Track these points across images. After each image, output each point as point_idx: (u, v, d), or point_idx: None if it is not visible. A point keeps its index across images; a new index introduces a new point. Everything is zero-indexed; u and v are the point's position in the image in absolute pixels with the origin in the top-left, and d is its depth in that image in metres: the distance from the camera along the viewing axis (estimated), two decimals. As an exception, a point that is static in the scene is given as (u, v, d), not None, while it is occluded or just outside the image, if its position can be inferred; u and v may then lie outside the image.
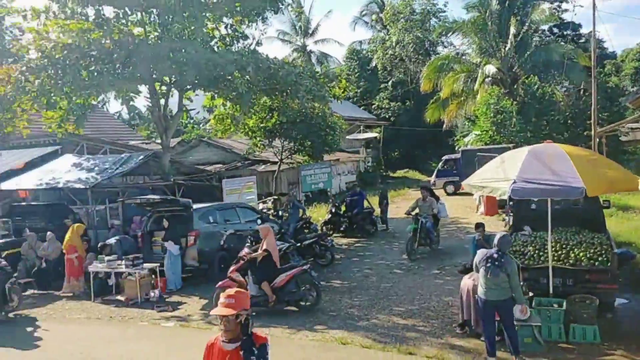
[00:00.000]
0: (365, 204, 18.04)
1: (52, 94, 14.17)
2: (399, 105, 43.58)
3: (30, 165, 18.16)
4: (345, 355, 7.76)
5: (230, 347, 3.53)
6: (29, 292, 12.54)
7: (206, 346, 3.70)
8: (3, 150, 19.01)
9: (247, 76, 15.38)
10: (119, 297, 11.68)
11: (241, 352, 3.50)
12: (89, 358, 8.15)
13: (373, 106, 45.18)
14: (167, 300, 11.42)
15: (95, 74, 14.23)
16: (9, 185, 16.30)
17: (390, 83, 45.48)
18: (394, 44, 44.53)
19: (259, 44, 16.93)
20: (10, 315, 10.74)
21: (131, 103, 19.46)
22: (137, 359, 7.96)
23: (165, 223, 12.86)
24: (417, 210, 14.37)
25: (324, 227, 17.49)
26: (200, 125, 40.00)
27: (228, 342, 3.53)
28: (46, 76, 13.58)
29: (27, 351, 8.70)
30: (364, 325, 8.99)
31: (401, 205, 21.41)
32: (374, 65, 47.01)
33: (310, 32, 49.96)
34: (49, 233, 13.49)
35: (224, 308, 3.48)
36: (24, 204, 16.98)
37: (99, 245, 13.17)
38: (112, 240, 13.32)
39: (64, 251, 12.60)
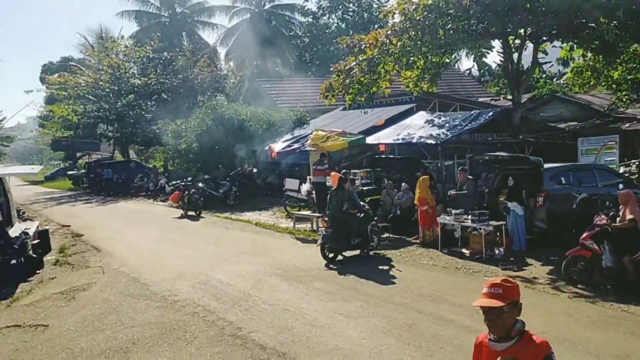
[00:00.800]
0: None
1: (411, 55, 15.13)
2: None
3: (389, 122, 20.08)
4: None
5: (500, 347, 2.97)
6: (385, 235, 14.01)
7: (475, 343, 3.21)
8: (368, 109, 21.40)
9: (615, 22, 13.52)
10: (463, 250, 12.06)
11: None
12: (439, 301, 8.68)
13: None
14: (511, 259, 11.27)
15: (451, 32, 14.57)
16: (371, 139, 18.36)
17: None
18: None
19: (633, -18, 14.60)
20: (371, 253, 12.26)
21: (482, 59, 19.42)
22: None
23: (510, 182, 12.56)
24: None
25: None
26: (554, 80, 37.38)
27: (497, 341, 2.98)
28: (407, 38, 14.53)
29: (386, 286, 9.79)
30: None
31: None
32: None
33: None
34: (403, 184, 14.79)
35: (488, 299, 2.93)
36: (383, 156, 18.92)
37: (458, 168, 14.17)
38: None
39: (416, 203, 13.59)
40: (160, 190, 26.68)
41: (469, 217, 12.08)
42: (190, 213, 20.14)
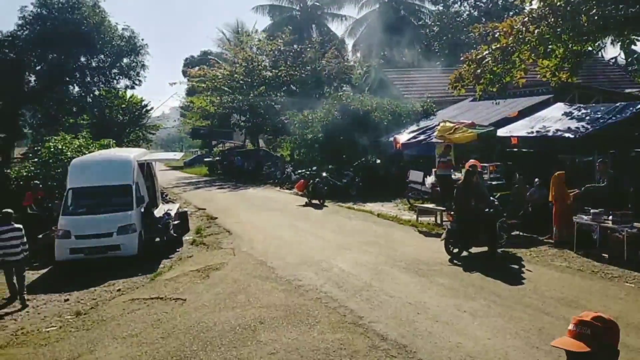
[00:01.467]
0: None
1: (549, 43, 14.23)
2: None
3: (523, 114, 19.05)
4: None
5: None
6: (515, 232, 13.34)
7: None
8: (500, 100, 20.45)
9: None
10: (603, 253, 11.16)
11: None
12: (572, 306, 8.14)
13: None
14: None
15: (596, 17, 13.45)
16: (503, 132, 17.54)
17: None
18: None
19: None
20: (499, 250, 11.76)
21: (631, 47, 17.64)
22: (624, 318, 7.47)
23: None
24: None
25: None
26: None
27: None
28: (545, 25, 13.67)
29: (513, 285, 9.35)
30: None
31: None
32: None
33: None
34: (536, 179, 13.98)
35: (572, 340, 2.31)
36: (515, 150, 18.00)
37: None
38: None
39: (550, 200, 12.78)
40: (287, 178, 27.68)
41: (610, 217, 11.14)
42: (314, 201, 20.66)
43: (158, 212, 14.95)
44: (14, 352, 8.01)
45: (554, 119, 16.82)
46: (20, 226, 10.80)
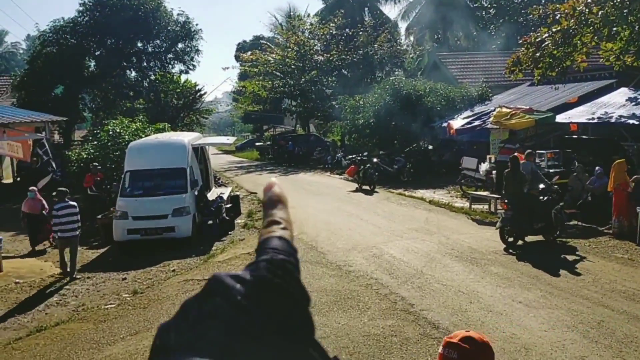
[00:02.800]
0: None
1: (614, 24, 13.55)
2: None
3: (583, 99, 18.31)
4: None
5: None
6: (573, 222, 12.90)
7: None
8: (559, 84, 19.70)
9: None
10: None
11: None
12: (634, 299, 7.82)
13: None
14: None
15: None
16: (562, 117, 16.92)
17: None
18: None
19: None
20: (557, 240, 11.39)
21: None
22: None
23: None
24: None
25: None
26: None
27: None
28: (611, 6, 13.03)
29: (571, 277, 9.04)
30: None
31: None
32: None
33: None
34: (597, 168, 13.42)
35: None
36: (574, 137, 17.36)
37: None
38: None
39: (610, 190, 12.25)
40: (337, 163, 27.63)
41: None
42: (365, 187, 20.56)
43: (211, 196, 15.23)
44: (76, 327, 8.38)
45: (617, 104, 16.12)
46: (75, 203, 11.28)
